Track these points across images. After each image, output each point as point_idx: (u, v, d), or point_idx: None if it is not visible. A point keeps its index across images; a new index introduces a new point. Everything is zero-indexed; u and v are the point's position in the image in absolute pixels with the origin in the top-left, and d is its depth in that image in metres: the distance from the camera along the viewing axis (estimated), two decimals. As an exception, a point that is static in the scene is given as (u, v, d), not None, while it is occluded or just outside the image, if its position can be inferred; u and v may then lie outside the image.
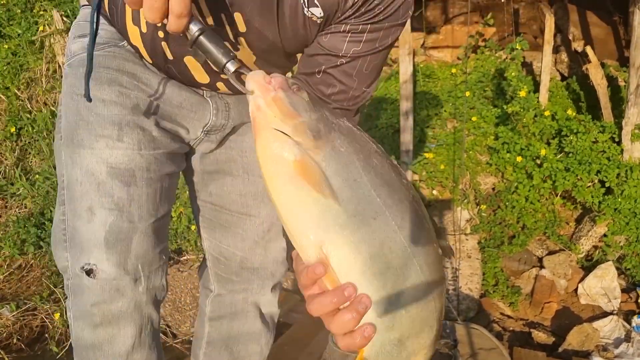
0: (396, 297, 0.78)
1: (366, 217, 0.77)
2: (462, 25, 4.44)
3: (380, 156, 0.83)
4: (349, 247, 0.76)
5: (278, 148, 0.78)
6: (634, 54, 3.14)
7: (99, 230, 1.01)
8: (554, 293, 2.92)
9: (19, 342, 2.53)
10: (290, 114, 0.79)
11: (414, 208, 0.81)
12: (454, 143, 3.52)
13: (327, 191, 0.76)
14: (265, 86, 0.81)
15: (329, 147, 0.79)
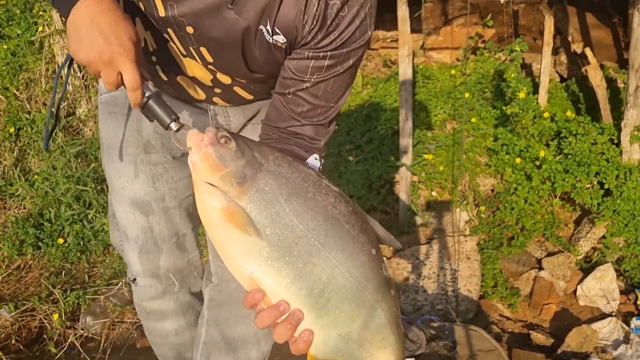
0: (326, 302, 0.94)
1: (288, 244, 0.92)
2: (462, 26, 4.44)
3: (310, 181, 0.97)
4: (274, 273, 0.92)
5: (208, 199, 0.95)
6: (633, 56, 3.14)
7: (133, 252, 1.31)
8: (553, 294, 2.92)
9: (17, 343, 2.52)
10: (217, 167, 0.94)
11: (339, 223, 0.95)
12: (453, 144, 3.52)
13: (251, 230, 0.92)
14: (198, 144, 0.95)
15: (254, 190, 0.94)
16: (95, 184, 3.22)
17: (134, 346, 2.56)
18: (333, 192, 0.98)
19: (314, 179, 0.98)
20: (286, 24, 1.03)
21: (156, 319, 1.43)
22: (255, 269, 0.93)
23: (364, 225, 0.99)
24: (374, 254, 0.98)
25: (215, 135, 0.96)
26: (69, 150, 3.37)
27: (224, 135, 0.96)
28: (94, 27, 0.92)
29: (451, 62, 4.44)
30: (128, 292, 2.74)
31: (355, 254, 0.96)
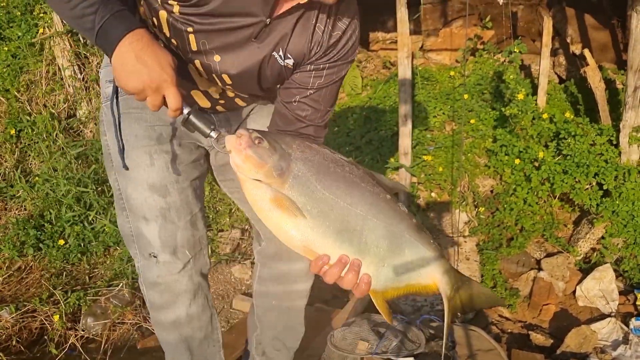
0: (365, 245, 1.20)
1: (325, 212, 1.18)
2: (461, 28, 4.45)
3: (328, 158, 1.22)
4: (321, 237, 1.18)
5: (257, 192, 1.18)
6: (632, 57, 3.15)
7: (153, 231, 1.45)
8: (552, 295, 2.93)
9: (18, 344, 2.53)
10: (259, 165, 1.15)
11: (357, 184, 1.21)
12: (453, 145, 3.53)
13: (296, 212, 1.16)
14: (238, 147, 1.16)
15: (291, 178, 1.17)
16: (96, 186, 3.23)
17: (134, 347, 2.56)
18: (347, 162, 1.24)
19: (330, 155, 1.23)
20: (296, 50, 1.29)
21: (169, 301, 1.51)
22: (307, 239, 1.18)
23: (374, 180, 1.25)
24: (389, 198, 1.24)
25: (250, 138, 1.16)
26: (69, 151, 3.37)
27: (257, 136, 1.17)
28: (139, 62, 1.09)
29: (450, 63, 4.45)
30: (129, 293, 2.74)
31: (376, 202, 1.22)
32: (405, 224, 1.26)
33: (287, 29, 1.26)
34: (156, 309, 1.55)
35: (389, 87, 4.10)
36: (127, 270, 2.86)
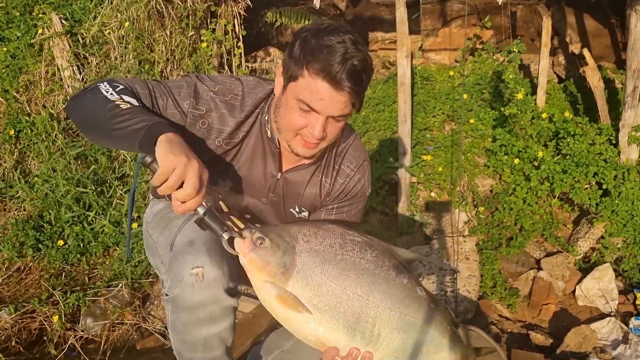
0: (377, 337, 1.21)
1: (333, 305, 1.19)
2: (460, 28, 4.45)
3: (336, 245, 1.24)
4: (331, 331, 1.20)
5: (264, 291, 1.21)
6: (631, 56, 3.15)
7: (201, 247, 1.42)
8: (552, 295, 2.93)
9: (17, 345, 2.53)
10: (262, 267, 1.20)
11: (369, 271, 1.22)
12: (452, 145, 3.53)
13: (301, 308, 1.18)
14: (243, 251, 1.21)
15: (295, 272, 1.20)
16: (95, 186, 3.23)
17: (134, 348, 2.56)
18: (358, 244, 1.25)
19: (339, 241, 1.24)
20: (309, 203, 1.52)
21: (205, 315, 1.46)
22: (317, 333, 1.20)
23: (390, 261, 1.25)
24: (406, 282, 1.25)
25: (252, 240, 1.21)
26: (68, 152, 3.37)
27: (258, 237, 1.22)
28: (183, 148, 1.16)
29: (449, 63, 4.45)
30: (128, 294, 2.74)
31: (389, 291, 1.22)
32: (422, 312, 1.25)
33: (300, 188, 1.49)
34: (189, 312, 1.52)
35: (388, 87, 4.10)
36: (127, 270, 2.86)
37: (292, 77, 1.29)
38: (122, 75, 3.44)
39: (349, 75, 1.23)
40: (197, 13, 3.56)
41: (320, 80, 1.24)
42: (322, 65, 1.22)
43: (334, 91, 1.24)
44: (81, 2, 3.76)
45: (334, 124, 1.32)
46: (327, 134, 1.33)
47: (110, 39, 3.56)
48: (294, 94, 1.29)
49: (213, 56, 3.66)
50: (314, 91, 1.25)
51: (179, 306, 1.38)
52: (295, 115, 1.31)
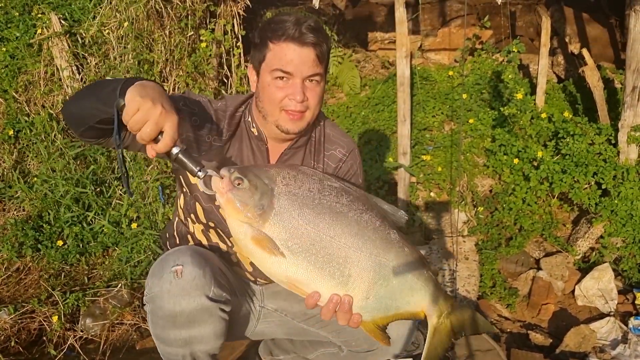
0: (348, 277, 1.21)
1: (307, 247, 1.20)
2: (459, 28, 4.45)
3: (314, 189, 1.24)
4: (304, 273, 1.20)
5: (239, 231, 1.21)
6: (630, 56, 3.15)
7: (186, 250, 1.44)
8: (551, 295, 2.93)
9: (17, 345, 2.52)
10: (239, 208, 1.19)
11: (342, 214, 1.23)
12: (451, 145, 3.53)
13: (276, 251, 1.18)
14: (221, 191, 1.20)
15: (272, 214, 1.19)
16: (95, 186, 3.22)
17: (133, 348, 2.56)
18: (335, 189, 1.25)
19: (317, 185, 1.24)
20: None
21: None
22: (289, 276, 1.21)
23: (364, 205, 1.26)
24: (378, 225, 1.25)
25: (230, 180, 1.20)
26: (68, 152, 3.37)
27: (237, 177, 1.20)
28: (157, 94, 1.15)
29: (449, 63, 4.45)
30: (127, 294, 2.74)
31: (361, 232, 1.22)
32: (393, 253, 1.25)
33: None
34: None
35: (388, 87, 4.10)
36: (126, 270, 2.86)
37: (261, 59, 1.41)
38: (122, 75, 3.44)
39: (308, 30, 1.36)
40: (196, 13, 3.56)
41: (284, 44, 1.36)
42: (282, 32, 1.36)
43: (300, 48, 1.36)
44: (80, 2, 3.75)
45: (311, 88, 1.41)
46: (309, 98, 1.41)
47: (110, 39, 3.56)
48: (267, 70, 1.39)
49: (212, 56, 3.66)
50: (282, 56, 1.37)
51: (157, 306, 1.36)
52: (273, 89, 1.39)
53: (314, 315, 1.63)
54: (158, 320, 1.38)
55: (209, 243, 1.57)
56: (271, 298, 1.67)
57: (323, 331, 1.65)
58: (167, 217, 3.09)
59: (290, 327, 1.69)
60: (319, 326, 1.64)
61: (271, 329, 1.70)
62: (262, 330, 1.70)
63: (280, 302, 1.67)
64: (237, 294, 1.58)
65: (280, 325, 1.69)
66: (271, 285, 1.68)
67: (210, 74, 3.65)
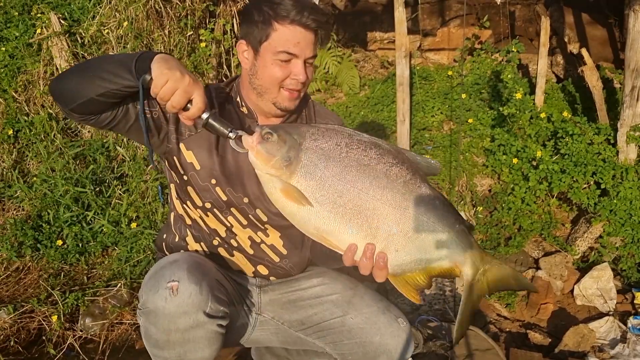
0: (377, 230, 1.21)
1: (334, 199, 1.21)
2: (459, 27, 4.46)
3: (342, 143, 1.24)
4: (332, 224, 1.22)
5: (269, 184, 1.25)
6: (629, 56, 3.16)
7: (182, 265, 1.40)
8: (550, 294, 2.93)
9: (16, 345, 2.53)
10: (267, 159, 1.23)
11: (370, 167, 1.23)
12: (451, 145, 3.53)
13: (304, 201, 1.21)
14: (250, 145, 1.24)
15: (300, 167, 1.22)
16: (94, 186, 3.22)
17: (132, 347, 2.56)
18: (364, 143, 1.26)
19: (345, 140, 1.25)
20: None
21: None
22: (318, 226, 1.23)
23: (395, 159, 1.26)
24: (409, 178, 1.25)
25: (260, 134, 1.24)
26: (67, 152, 3.37)
27: (267, 131, 1.24)
28: (180, 66, 1.24)
29: (448, 63, 4.45)
30: (127, 294, 2.74)
31: (389, 185, 1.22)
32: (423, 206, 1.23)
33: None
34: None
35: (387, 87, 4.10)
36: (125, 270, 2.86)
37: (262, 38, 1.42)
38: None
39: (312, 13, 1.39)
40: (195, 13, 3.56)
41: (291, 26, 1.39)
42: (286, 13, 1.38)
43: (305, 31, 1.40)
44: (80, 1, 3.76)
45: (309, 67, 1.46)
46: (309, 77, 1.47)
47: (109, 39, 3.56)
48: (271, 50, 1.41)
49: (212, 56, 3.66)
50: (289, 38, 1.40)
51: (151, 322, 1.34)
52: (275, 69, 1.42)
53: (311, 326, 1.62)
54: (151, 335, 1.36)
55: (209, 231, 1.56)
56: (268, 305, 1.65)
57: (320, 342, 1.62)
58: (167, 216, 3.10)
59: (287, 336, 1.67)
60: (315, 336, 1.62)
61: (266, 337, 1.68)
62: (257, 337, 1.68)
63: (277, 310, 1.65)
64: (234, 303, 1.56)
65: (276, 333, 1.67)
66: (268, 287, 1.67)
67: (209, 74, 3.65)
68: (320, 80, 4.27)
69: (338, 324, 1.57)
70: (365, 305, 1.57)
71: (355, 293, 1.61)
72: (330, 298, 1.61)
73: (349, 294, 1.60)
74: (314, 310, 1.61)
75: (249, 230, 1.55)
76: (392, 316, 1.54)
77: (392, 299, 2.63)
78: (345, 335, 1.56)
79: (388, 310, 1.56)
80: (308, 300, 1.63)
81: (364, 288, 1.62)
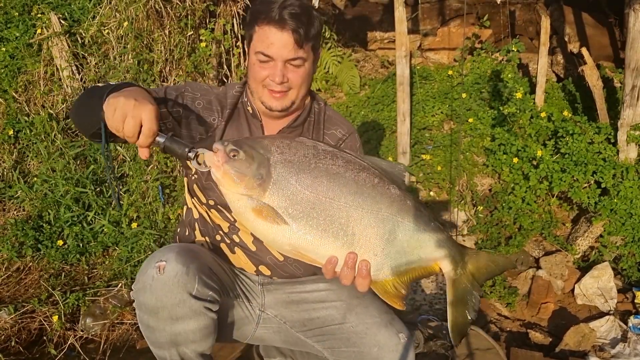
0: (353, 236, 1.18)
1: (307, 212, 1.17)
2: (459, 27, 4.45)
3: (309, 154, 1.21)
4: (307, 239, 1.18)
5: (239, 204, 1.19)
6: (629, 55, 3.16)
7: (172, 248, 1.44)
8: (551, 293, 2.93)
9: (17, 345, 2.52)
10: (238, 178, 1.16)
11: (339, 174, 1.20)
12: (451, 144, 3.53)
13: (279, 220, 1.16)
14: (215, 164, 1.17)
15: (271, 184, 1.17)
16: (95, 186, 3.23)
17: (133, 347, 2.56)
18: (329, 153, 1.23)
19: (312, 150, 1.22)
20: None
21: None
22: (293, 243, 1.18)
23: (362, 166, 1.23)
24: (377, 181, 1.22)
25: (225, 152, 1.17)
26: (68, 152, 3.37)
27: (232, 149, 1.18)
28: (126, 97, 1.17)
29: (448, 62, 4.45)
30: (127, 294, 2.74)
31: (360, 191, 1.20)
32: (395, 207, 1.22)
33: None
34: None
35: (387, 87, 4.10)
36: (126, 270, 2.86)
37: (249, 40, 1.47)
38: (121, 75, 3.44)
39: (289, 16, 1.39)
40: (195, 13, 3.56)
41: (266, 27, 1.40)
42: (265, 15, 1.40)
43: (280, 32, 1.40)
44: (80, 2, 3.75)
45: (293, 70, 1.45)
46: (290, 79, 1.45)
47: (109, 39, 3.56)
48: (252, 51, 1.46)
49: (212, 56, 3.66)
50: (264, 39, 1.42)
51: (140, 301, 1.40)
52: (256, 69, 1.45)
53: (312, 328, 1.63)
54: (143, 315, 1.42)
55: (213, 225, 1.60)
56: (272, 302, 1.67)
57: (319, 345, 1.63)
58: (167, 216, 3.10)
59: (288, 336, 1.68)
60: (315, 339, 1.63)
61: (269, 335, 1.70)
62: (261, 335, 1.70)
63: (281, 309, 1.67)
64: (230, 295, 1.57)
65: (278, 332, 1.69)
66: (272, 286, 1.68)
67: (210, 74, 3.65)
68: (321, 80, 4.27)
69: (338, 331, 1.58)
70: (368, 315, 1.57)
71: (360, 302, 1.60)
72: (334, 304, 1.61)
73: (354, 302, 1.60)
74: (317, 314, 1.62)
75: None
76: (393, 330, 1.54)
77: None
78: (344, 342, 1.57)
79: (391, 324, 1.56)
80: (312, 303, 1.63)
81: (371, 298, 1.61)
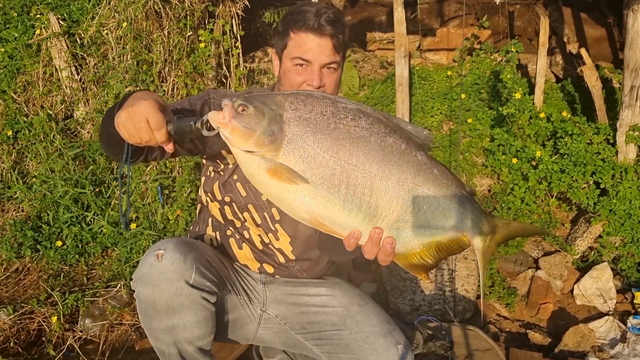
0: (376, 208, 1.09)
1: (327, 177, 1.07)
2: (458, 27, 4.46)
3: (328, 113, 1.09)
4: (327, 205, 1.08)
5: (251, 165, 1.07)
6: (628, 56, 3.16)
7: (171, 240, 1.48)
8: (550, 294, 2.93)
9: (16, 346, 2.52)
10: (247, 134, 1.05)
11: (363, 139, 1.09)
12: (450, 145, 3.53)
13: (297, 179, 1.05)
14: (222, 122, 1.06)
15: (285, 142, 1.06)
16: (94, 187, 3.22)
17: (132, 348, 2.56)
18: (351, 112, 1.11)
19: (330, 109, 1.10)
20: None
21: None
22: (311, 210, 1.09)
23: (387, 128, 1.13)
24: (403, 148, 1.13)
25: (233, 107, 1.06)
26: (67, 153, 3.37)
27: (240, 103, 1.07)
28: (131, 106, 1.15)
29: (447, 63, 4.45)
30: (127, 294, 2.74)
31: (386, 158, 1.10)
32: (421, 176, 1.13)
33: None
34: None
35: (387, 87, 4.10)
36: (125, 271, 2.86)
37: (283, 47, 1.51)
38: (120, 75, 3.44)
39: (326, 22, 1.45)
40: (195, 13, 3.56)
41: (304, 34, 1.46)
42: (302, 22, 1.45)
43: (318, 38, 1.45)
44: (79, 2, 3.75)
45: (328, 74, 1.49)
46: (325, 84, 1.49)
47: (108, 40, 3.56)
48: (288, 57, 1.49)
49: (211, 56, 3.66)
50: (301, 45, 1.46)
51: (139, 290, 1.41)
52: (293, 75, 1.49)
53: (312, 332, 1.63)
54: (141, 304, 1.42)
55: (225, 222, 1.64)
56: (273, 303, 1.68)
57: (317, 349, 1.64)
58: (167, 217, 3.09)
59: (287, 338, 1.69)
60: (314, 343, 1.63)
61: (270, 336, 1.71)
62: (262, 336, 1.71)
63: (281, 309, 1.67)
64: (230, 291, 1.59)
65: (279, 333, 1.69)
66: (274, 285, 1.69)
67: (209, 74, 3.65)
68: (320, 81, 4.27)
69: (337, 336, 1.58)
70: (368, 324, 1.57)
71: (361, 310, 1.60)
72: (335, 310, 1.62)
73: (355, 309, 1.60)
74: (317, 318, 1.62)
75: (261, 230, 1.60)
76: (392, 340, 1.53)
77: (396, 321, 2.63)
78: (341, 348, 1.57)
79: (390, 334, 1.55)
80: (313, 307, 1.64)
81: (372, 307, 1.62)
